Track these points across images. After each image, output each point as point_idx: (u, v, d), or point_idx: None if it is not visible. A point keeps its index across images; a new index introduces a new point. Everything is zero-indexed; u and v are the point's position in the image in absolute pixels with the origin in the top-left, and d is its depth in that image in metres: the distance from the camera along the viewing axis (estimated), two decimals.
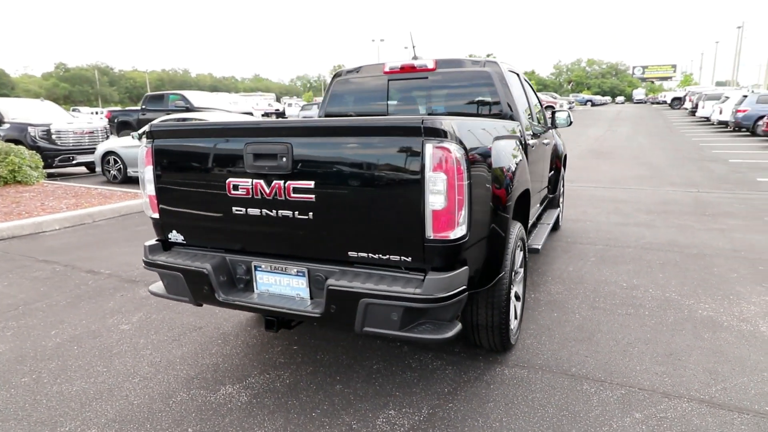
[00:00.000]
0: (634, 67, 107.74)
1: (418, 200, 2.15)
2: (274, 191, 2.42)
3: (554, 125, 5.08)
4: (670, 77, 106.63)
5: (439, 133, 2.11)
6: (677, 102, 42.10)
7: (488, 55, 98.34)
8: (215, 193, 2.60)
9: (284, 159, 2.36)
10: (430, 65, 3.91)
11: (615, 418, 2.55)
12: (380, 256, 2.31)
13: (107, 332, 3.65)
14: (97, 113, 37.05)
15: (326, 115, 4.32)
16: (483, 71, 3.81)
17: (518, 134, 3.42)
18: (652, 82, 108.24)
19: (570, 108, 36.74)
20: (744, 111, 19.33)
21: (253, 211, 2.51)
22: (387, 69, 4.07)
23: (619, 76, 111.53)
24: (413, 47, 4.26)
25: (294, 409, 2.67)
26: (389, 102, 4.15)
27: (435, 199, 2.14)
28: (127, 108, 26.84)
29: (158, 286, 2.95)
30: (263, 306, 2.54)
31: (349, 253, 2.38)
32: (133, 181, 10.10)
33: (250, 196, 2.48)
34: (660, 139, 19.25)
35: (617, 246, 5.58)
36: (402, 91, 4.13)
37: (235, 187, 2.51)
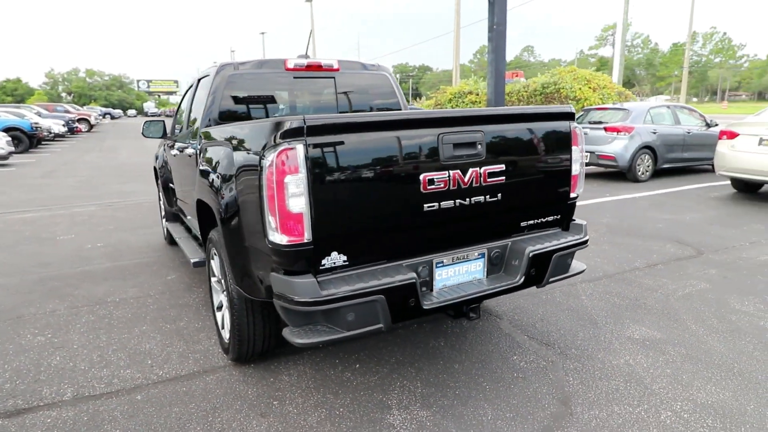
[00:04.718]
0: (138, 81, 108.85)
1: (569, 168, 2.82)
2: (470, 179, 2.45)
3: None
4: (175, 92, 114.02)
5: (574, 117, 2.84)
6: None
7: None
8: (405, 192, 2.29)
9: (480, 146, 2.46)
10: (336, 65, 4.01)
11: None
12: (541, 219, 2.81)
13: None
14: None
15: (221, 112, 3.61)
16: (381, 74, 4.24)
17: None
18: (159, 95, 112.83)
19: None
20: None
21: (447, 204, 2.41)
22: (291, 66, 3.83)
23: (125, 89, 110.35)
24: (307, 46, 4.09)
25: (473, 411, 2.74)
26: (295, 99, 3.92)
27: (576, 167, 2.87)
28: None
29: (307, 333, 2.19)
30: (469, 296, 2.48)
31: (521, 223, 2.74)
32: None
33: (447, 188, 2.38)
34: None
35: None
36: (307, 88, 3.97)
37: (431, 182, 2.34)
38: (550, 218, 2.87)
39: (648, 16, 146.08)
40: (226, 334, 3.12)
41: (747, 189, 8.20)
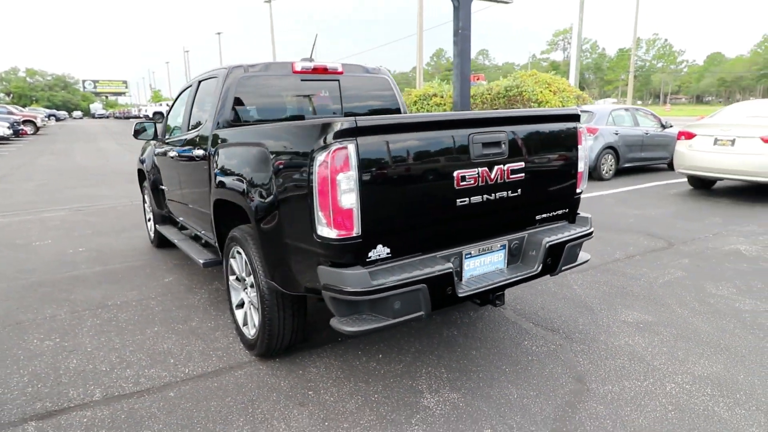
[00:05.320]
0: (84, 81, 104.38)
1: (577, 165, 3.07)
2: (496, 176, 2.64)
3: None
4: (124, 93, 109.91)
5: (579, 118, 3.09)
6: (159, 116, 44.98)
7: None
8: (441, 188, 2.46)
9: (504, 145, 2.66)
10: (340, 68, 4.13)
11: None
12: (553, 213, 3.04)
13: None
14: None
15: (232, 111, 3.66)
16: (382, 77, 4.39)
17: None
18: (107, 96, 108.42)
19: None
20: None
21: (476, 199, 2.59)
22: (298, 69, 3.92)
23: (70, 90, 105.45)
24: (312, 50, 4.17)
25: (499, 391, 2.94)
26: (303, 101, 4.01)
27: (581, 164, 3.11)
28: None
29: (356, 321, 2.31)
30: (497, 284, 2.67)
31: (536, 216, 2.96)
32: None
33: (476, 185, 2.57)
34: None
35: None
36: (314, 90, 4.07)
37: (463, 178, 2.51)
38: (560, 212, 3.11)
39: (595, 22, 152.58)
40: (249, 331, 3.19)
41: (702, 186, 8.84)
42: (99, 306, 4.16)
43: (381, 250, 2.36)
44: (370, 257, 2.34)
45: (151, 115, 45.97)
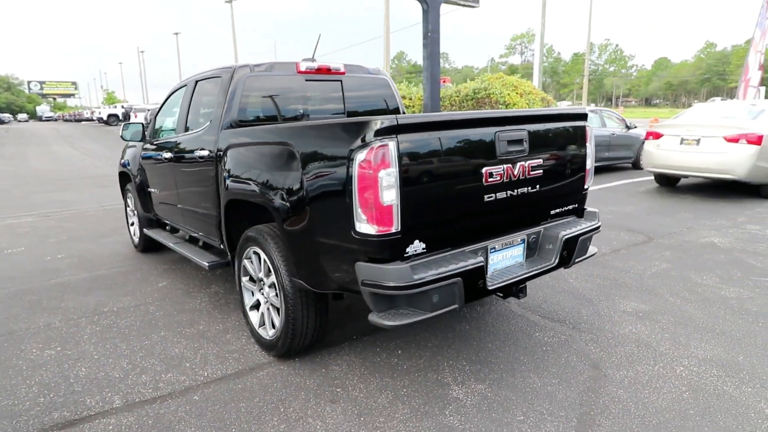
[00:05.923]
0: (30, 82, 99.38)
1: (585, 162, 3.21)
2: (519, 172, 2.74)
3: None
4: (74, 94, 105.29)
5: (587, 117, 3.23)
6: (114, 118, 43.45)
7: None
8: (470, 184, 2.52)
9: (525, 143, 2.76)
10: (342, 69, 4.15)
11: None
12: (564, 208, 3.16)
13: None
14: None
15: (239, 111, 3.61)
16: (382, 77, 4.44)
17: None
18: (54, 98, 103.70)
19: None
20: None
21: (501, 195, 2.67)
22: (303, 69, 3.91)
23: (14, 91, 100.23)
24: (314, 50, 4.15)
25: (522, 381, 3.03)
26: (307, 100, 4.01)
27: (589, 162, 3.26)
28: None
29: (395, 316, 2.35)
30: (520, 276, 2.77)
31: (551, 211, 3.07)
32: None
33: (501, 181, 2.65)
34: None
35: None
36: (318, 90, 4.07)
37: (491, 175, 2.59)
38: (570, 207, 3.24)
39: (551, 27, 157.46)
40: (267, 332, 3.17)
41: (668, 183, 9.30)
42: (94, 313, 4.02)
43: (417, 246, 2.41)
44: (407, 252, 2.38)
45: (105, 118, 44.29)
